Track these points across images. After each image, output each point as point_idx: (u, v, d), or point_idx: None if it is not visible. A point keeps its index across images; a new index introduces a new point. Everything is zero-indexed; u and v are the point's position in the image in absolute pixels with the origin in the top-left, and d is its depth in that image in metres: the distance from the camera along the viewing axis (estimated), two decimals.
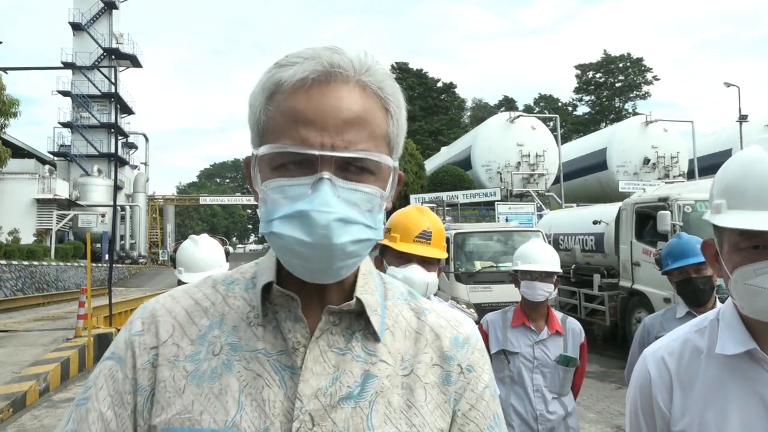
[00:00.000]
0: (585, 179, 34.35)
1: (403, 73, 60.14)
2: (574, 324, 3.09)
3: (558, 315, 3.10)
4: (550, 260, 2.98)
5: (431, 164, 39.24)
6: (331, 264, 0.79)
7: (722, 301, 2.88)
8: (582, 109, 69.37)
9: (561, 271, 3.07)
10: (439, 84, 62.50)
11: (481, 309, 10.06)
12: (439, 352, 0.91)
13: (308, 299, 0.86)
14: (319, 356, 0.84)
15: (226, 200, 61.85)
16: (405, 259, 2.21)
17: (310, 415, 0.80)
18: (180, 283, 2.90)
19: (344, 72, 0.80)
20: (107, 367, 0.88)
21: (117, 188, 15.53)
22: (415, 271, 2.19)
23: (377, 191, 0.81)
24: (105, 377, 0.87)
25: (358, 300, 0.87)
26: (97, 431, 0.84)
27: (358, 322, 0.88)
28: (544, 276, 2.95)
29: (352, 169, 0.79)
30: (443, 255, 2.29)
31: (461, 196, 26.98)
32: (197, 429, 0.81)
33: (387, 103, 0.83)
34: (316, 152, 0.77)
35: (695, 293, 2.94)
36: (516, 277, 3.05)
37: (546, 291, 2.95)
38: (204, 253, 2.95)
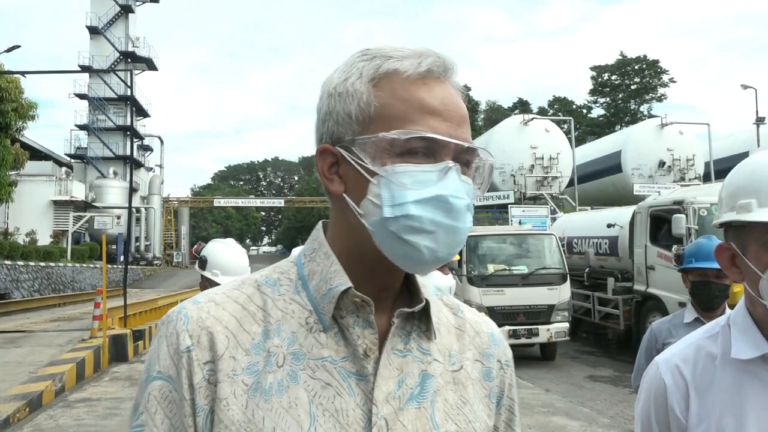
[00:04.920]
0: (599, 182, 34.12)
1: None
2: None
3: None
4: None
5: None
6: (452, 249, 0.82)
7: (731, 307, 2.87)
8: (597, 112, 68.92)
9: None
10: None
11: (494, 312, 10.09)
12: (480, 348, 0.96)
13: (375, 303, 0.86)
14: (386, 360, 0.84)
15: (240, 202, 62.16)
16: None
17: (385, 420, 0.81)
18: (212, 284, 2.89)
19: (454, 72, 0.86)
20: (157, 388, 0.81)
21: (132, 190, 15.66)
22: (435, 276, 2.20)
23: (474, 187, 0.86)
24: (157, 400, 0.81)
25: (426, 301, 0.89)
26: None
27: (411, 323, 0.89)
28: None
29: (461, 163, 0.83)
30: (455, 257, 2.29)
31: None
32: None
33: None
34: (452, 140, 0.81)
35: (709, 298, 2.94)
36: None
37: None
38: (239, 255, 3.03)
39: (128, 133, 42.57)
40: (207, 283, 2.97)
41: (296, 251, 3.61)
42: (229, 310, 0.84)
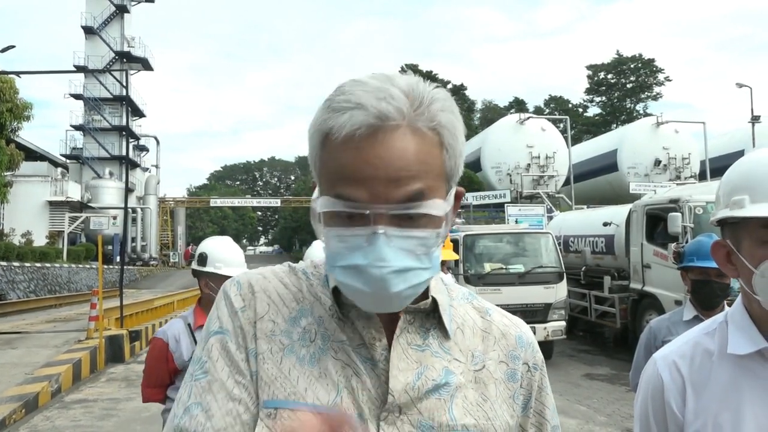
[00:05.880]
0: (595, 181, 34.21)
1: None
2: None
3: None
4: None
5: None
6: (390, 305, 0.85)
7: (731, 305, 2.87)
8: (593, 110, 69.08)
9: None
10: (449, 86, 62.46)
11: None
12: (506, 350, 0.98)
13: None
14: (402, 353, 0.89)
15: (237, 202, 62.05)
16: None
17: (399, 407, 0.87)
18: (213, 278, 2.92)
19: (393, 121, 0.80)
20: (218, 341, 0.90)
21: (128, 190, 15.64)
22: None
23: (431, 233, 0.83)
24: (218, 350, 0.90)
25: (433, 299, 0.93)
26: (221, 400, 0.86)
27: (430, 321, 0.94)
28: None
29: (405, 217, 0.81)
30: (452, 256, 2.30)
31: (471, 198, 26.95)
32: (302, 403, 0.85)
33: (441, 136, 0.83)
34: (367, 211, 0.80)
35: (710, 297, 2.93)
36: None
37: None
38: (237, 250, 3.15)
39: (124, 133, 42.47)
40: (208, 279, 2.94)
41: (316, 243, 3.59)
42: (273, 284, 0.95)
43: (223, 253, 3.03)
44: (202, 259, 3.00)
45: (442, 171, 0.84)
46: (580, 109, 69.14)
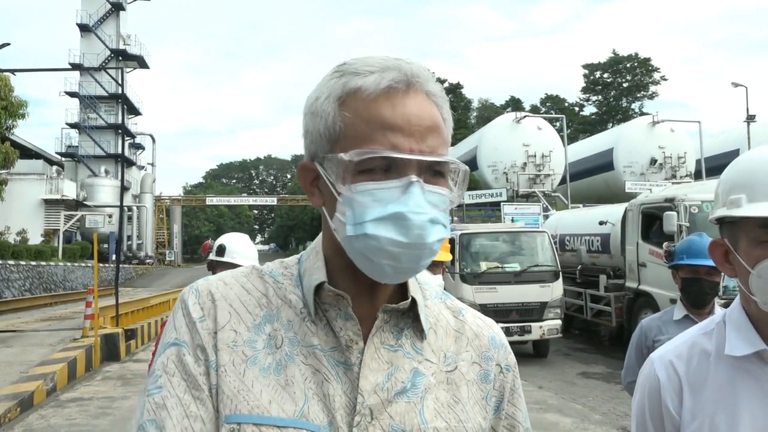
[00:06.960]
0: (591, 180, 34.25)
1: None
2: None
3: None
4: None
5: None
6: (419, 262, 0.84)
7: (726, 306, 2.88)
8: (589, 109, 69.19)
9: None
10: (446, 84, 62.48)
11: (487, 310, 10.11)
12: (479, 351, 0.97)
13: (358, 298, 0.89)
14: (374, 353, 0.88)
15: (233, 201, 62.00)
16: None
17: (369, 409, 0.85)
18: (230, 266, 3.01)
19: (420, 82, 0.86)
20: (174, 353, 0.87)
21: (124, 189, 15.61)
22: (423, 274, 2.21)
23: (448, 193, 0.87)
24: (174, 363, 0.86)
25: (412, 299, 0.92)
26: (177, 417, 0.83)
27: (405, 321, 0.93)
28: None
29: (430, 173, 0.84)
30: (447, 257, 2.30)
31: (467, 197, 26.94)
32: (266, 417, 0.83)
33: (443, 111, 0.89)
34: (411, 156, 0.82)
35: (700, 295, 2.95)
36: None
37: None
38: (253, 247, 3.43)
39: (119, 131, 42.35)
40: (221, 269, 3.05)
41: None
42: (235, 291, 0.91)
43: (240, 246, 3.32)
44: (221, 250, 3.25)
45: (448, 141, 0.90)
46: (576, 108, 69.21)
